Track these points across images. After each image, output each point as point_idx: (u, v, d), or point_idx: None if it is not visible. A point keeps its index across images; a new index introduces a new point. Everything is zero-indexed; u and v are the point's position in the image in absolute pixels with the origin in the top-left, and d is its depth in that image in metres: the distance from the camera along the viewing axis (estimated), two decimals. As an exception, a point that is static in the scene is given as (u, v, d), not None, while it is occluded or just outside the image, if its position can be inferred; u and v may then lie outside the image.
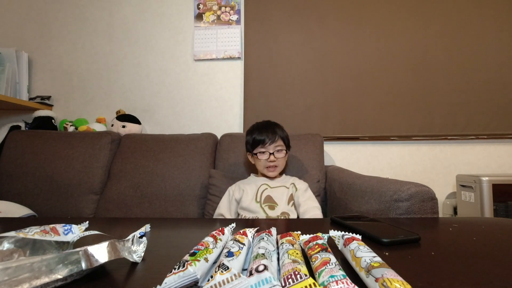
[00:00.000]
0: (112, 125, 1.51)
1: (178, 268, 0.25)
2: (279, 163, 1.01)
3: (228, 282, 0.23)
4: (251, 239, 0.38)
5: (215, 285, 0.23)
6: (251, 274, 0.24)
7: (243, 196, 0.98)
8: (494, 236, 0.44)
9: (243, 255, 0.31)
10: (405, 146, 1.50)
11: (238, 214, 0.97)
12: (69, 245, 0.36)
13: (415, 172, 1.48)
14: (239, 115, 1.59)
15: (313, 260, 0.29)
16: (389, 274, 0.23)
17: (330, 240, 0.36)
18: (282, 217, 0.91)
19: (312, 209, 0.92)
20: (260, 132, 1.01)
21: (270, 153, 0.98)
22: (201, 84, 1.63)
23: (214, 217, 1.01)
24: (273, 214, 0.92)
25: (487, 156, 1.46)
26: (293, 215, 0.94)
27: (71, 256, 0.27)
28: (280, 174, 1.08)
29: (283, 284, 0.24)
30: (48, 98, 1.64)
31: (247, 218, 0.91)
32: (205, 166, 1.28)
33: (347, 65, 1.53)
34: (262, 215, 0.91)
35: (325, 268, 0.25)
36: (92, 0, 1.70)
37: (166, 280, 0.24)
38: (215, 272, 0.24)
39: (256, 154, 1.00)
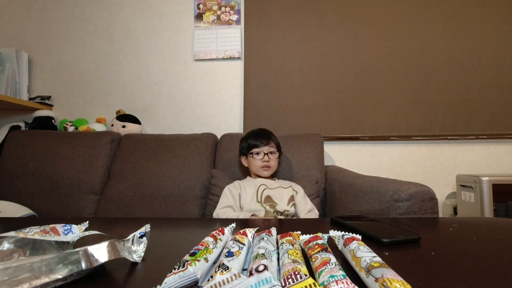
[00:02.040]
0: (112, 125, 1.51)
1: (178, 268, 0.25)
2: (272, 164, 1.09)
3: (228, 282, 0.23)
4: (251, 239, 0.38)
5: (215, 285, 0.23)
6: (251, 274, 0.24)
7: (242, 194, 1.02)
8: (494, 236, 0.44)
9: (243, 255, 0.31)
10: (405, 146, 1.50)
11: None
12: (69, 245, 0.36)
13: (415, 172, 1.48)
14: (239, 115, 1.59)
15: (313, 260, 0.29)
16: (389, 274, 0.23)
17: (330, 240, 0.36)
18: (283, 216, 0.95)
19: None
20: (255, 137, 1.12)
21: (265, 153, 1.08)
22: (201, 84, 1.63)
23: (221, 212, 0.96)
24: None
25: (487, 156, 1.46)
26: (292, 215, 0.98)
27: (71, 256, 0.27)
28: (273, 177, 1.14)
29: (283, 284, 0.24)
30: (48, 98, 1.64)
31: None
32: (205, 166, 1.28)
33: (347, 65, 1.53)
34: (263, 214, 0.95)
35: (325, 268, 0.25)
36: (92, 0, 1.70)
37: (166, 280, 0.24)
38: (215, 272, 0.24)
39: (251, 153, 1.10)
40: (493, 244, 0.40)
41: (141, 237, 0.38)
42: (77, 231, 0.39)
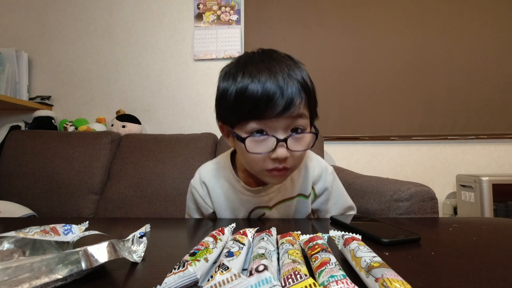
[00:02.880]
0: (112, 125, 1.51)
1: (178, 268, 0.25)
2: (295, 162, 0.47)
3: (228, 282, 0.23)
4: (251, 239, 0.38)
5: (215, 285, 0.23)
6: (251, 274, 0.24)
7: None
8: (494, 236, 0.44)
9: (243, 255, 0.31)
10: (405, 146, 1.50)
11: None
12: (69, 245, 0.36)
13: (415, 172, 1.48)
14: (239, 115, 1.59)
15: (313, 260, 0.29)
16: (389, 274, 0.23)
17: (330, 240, 0.36)
18: None
19: None
20: (255, 77, 0.43)
21: (280, 141, 0.43)
22: (201, 84, 1.63)
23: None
24: None
25: (487, 156, 1.46)
26: None
27: (71, 256, 0.27)
28: None
29: (283, 284, 0.24)
30: (48, 98, 1.64)
31: None
32: (205, 166, 1.28)
33: (347, 65, 1.52)
34: None
35: (325, 268, 0.25)
36: (92, 0, 1.70)
37: (166, 280, 0.24)
38: (215, 272, 0.24)
39: (243, 140, 0.43)
40: (493, 244, 0.40)
41: (141, 237, 0.38)
42: (77, 231, 0.39)
